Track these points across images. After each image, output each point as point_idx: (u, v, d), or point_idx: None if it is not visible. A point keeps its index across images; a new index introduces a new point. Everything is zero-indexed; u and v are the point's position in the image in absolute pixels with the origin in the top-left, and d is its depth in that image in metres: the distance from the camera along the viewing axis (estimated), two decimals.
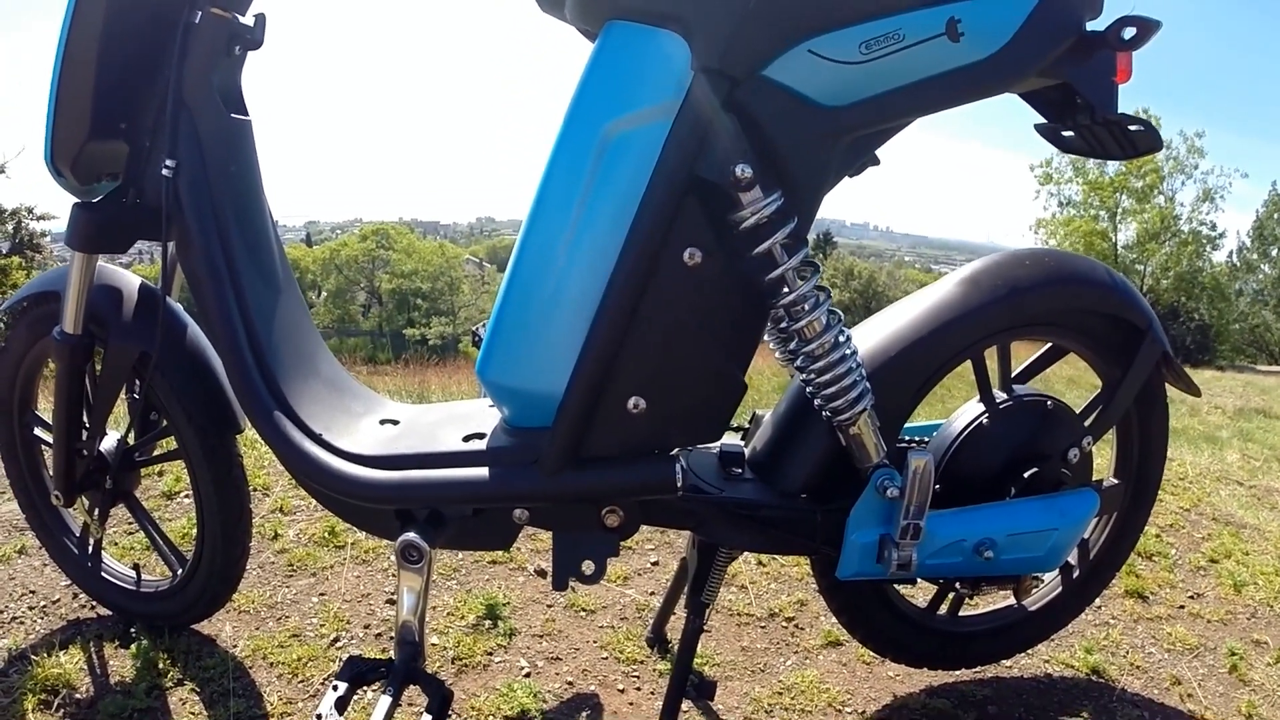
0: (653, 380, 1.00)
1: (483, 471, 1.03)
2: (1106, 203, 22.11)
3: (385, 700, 1.03)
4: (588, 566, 1.06)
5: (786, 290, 0.98)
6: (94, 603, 1.57)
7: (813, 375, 1.04)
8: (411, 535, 1.01)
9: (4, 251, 10.19)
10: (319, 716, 1.02)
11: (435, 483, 1.03)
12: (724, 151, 0.94)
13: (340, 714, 1.03)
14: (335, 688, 1.05)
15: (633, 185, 0.95)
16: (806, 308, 1.00)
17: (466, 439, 1.08)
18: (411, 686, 1.08)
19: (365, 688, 1.17)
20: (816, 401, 1.06)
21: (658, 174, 0.94)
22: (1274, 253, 25.84)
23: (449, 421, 1.14)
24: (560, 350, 0.98)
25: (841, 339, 1.03)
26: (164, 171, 1.15)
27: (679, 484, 1.01)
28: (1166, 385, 1.35)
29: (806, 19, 0.94)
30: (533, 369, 1.01)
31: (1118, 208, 22.21)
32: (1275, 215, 25.55)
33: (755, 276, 0.98)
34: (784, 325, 1.02)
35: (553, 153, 0.99)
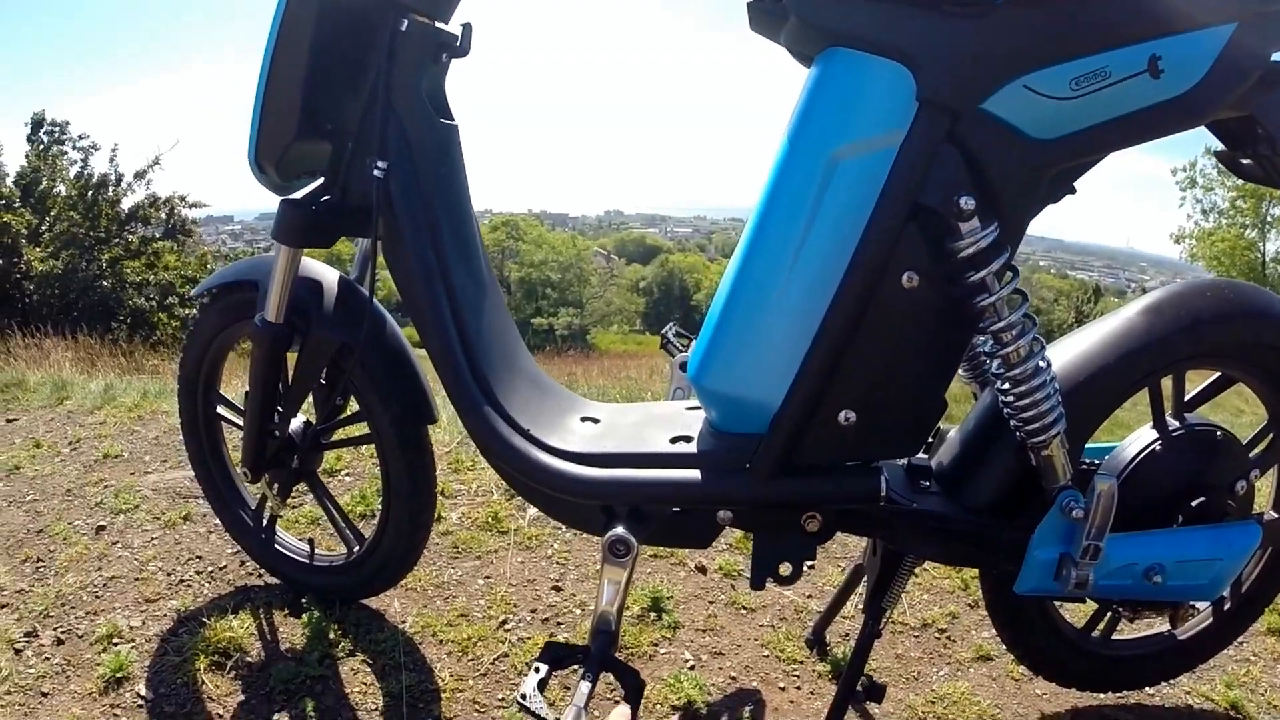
0: (865, 395, 1.04)
1: (694, 473, 1.08)
2: (1255, 212, 20.60)
3: (585, 685, 1.08)
4: (785, 568, 1.11)
5: (996, 318, 1.03)
6: (260, 571, 1.66)
7: (1012, 398, 1.07)
8: (621, 531, 1.07)
9: (158, 237, 10.83)
10: (524, 695, 1.08)
11: (647, 482, 1.09)
12: (947, 181, 0.98)
13: (541, 694, 1.09)
14: (537, 670, 1.11)
15: (858, 209, 1.00)
16: (1014, 334, 1.04)
17: (674, 440, 1.14)
18: (605, 674, 1.14)
19: (560, 672, 1.23)
20: (1013, 423, 1.10)
21: (883, 200, 0.99)
22: None
23: (650, 423, 1.20)
24: (779, 362, 1.04)
25: (1043, 364, 1.07)
26: (375, 172, 1.19)
27: (883, 494, 1.06)
28: None
29: (1024, 56, 0.98)
30: (750, 378, 1.06)
31: (1266, 215, 20.61)
32: None
33: (966, 301, 1.03)
34: (989, 349, 1.06)
35: (777, 172, 1.04)
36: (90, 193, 10.33)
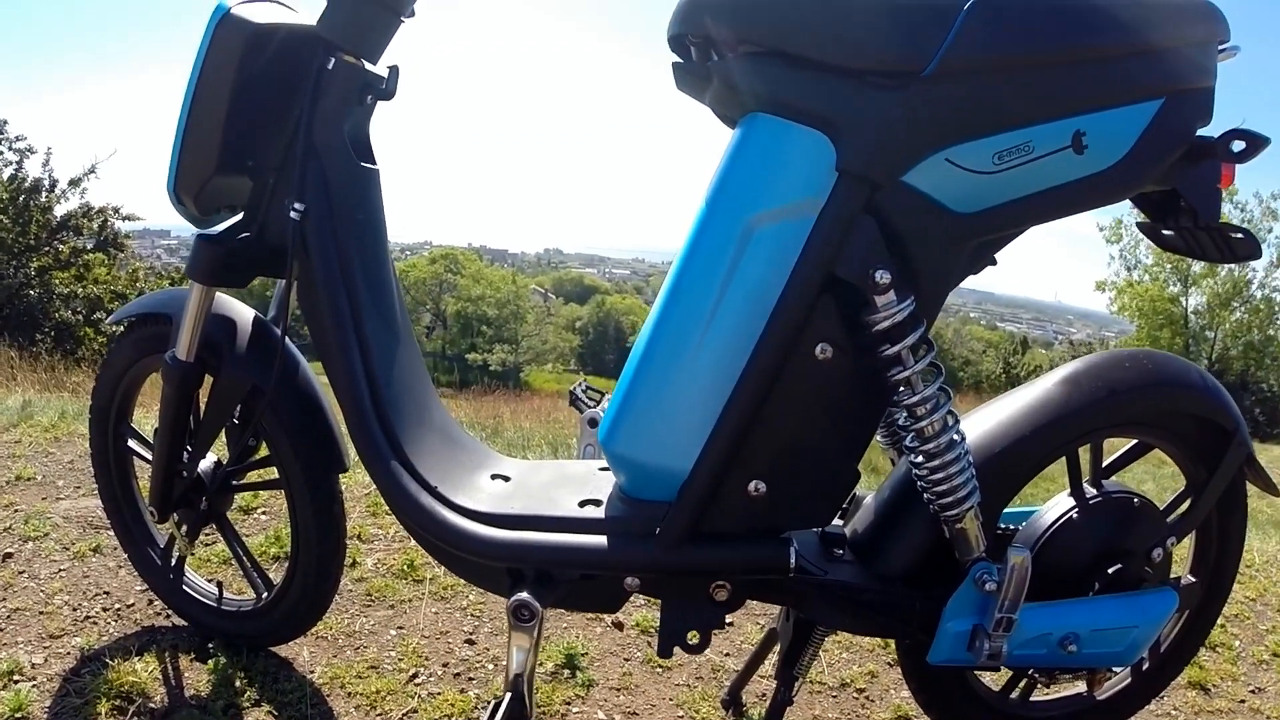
0: (775, 466, 1.02)
1: (601, 540, 1.05)
2: (1179, 267, 21.04)
3: None
4: (693, 636, 1.09)
5: (910, 391, 1.01)
6: (168, 611, 1.60)
7: (925, 471, 1.06)
8: (525, 595, 1.04)
9: (89, 248, 10.44)
10: None
11: (553, 546, 1.06)
12: (863, 254, 0.96)
13: None
14: None
15: (773, 278, 0.98)
16: (929, 408, 1.02)
17: (583, 504, 1.11)
18: None
19: None
20: (926, 495, 1.08)
21: (799, 270, 0.97)
22: None
23: (561, 483, 1.17)
24: (688, 430, 1.01)
25: (957, 438, 1.06)
26: (292, 214, 1.17)
27: (791, 566, 1.04)
28: (1247, 484, 1.37)
29: (946, 129, 0.97)
30: (660, 445, 1.04)
31: (1189, 272, 21.12)
32: None
33: (880, 374, 1.01)
34: (903, 422, 1.05)
35: (693, 236, 1.02)
36: (22, 197, 9.79)
